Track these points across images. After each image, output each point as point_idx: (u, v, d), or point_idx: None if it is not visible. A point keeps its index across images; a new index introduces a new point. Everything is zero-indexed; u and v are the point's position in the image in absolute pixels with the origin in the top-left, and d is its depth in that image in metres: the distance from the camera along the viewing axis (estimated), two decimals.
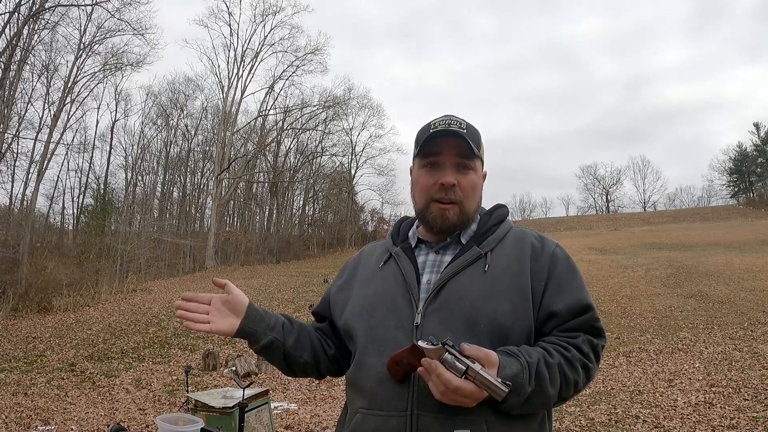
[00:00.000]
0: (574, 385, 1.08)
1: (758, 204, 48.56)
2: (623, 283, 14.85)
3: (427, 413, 1.04)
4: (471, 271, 1.14)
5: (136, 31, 22.37)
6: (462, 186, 1.18)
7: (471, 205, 1.21)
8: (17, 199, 24.49)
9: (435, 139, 1.18)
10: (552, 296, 1.13)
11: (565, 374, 1.06)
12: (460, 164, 1.19)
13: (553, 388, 1.04)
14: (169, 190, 36.22)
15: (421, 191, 1.21)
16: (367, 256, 1.34)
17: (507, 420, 1.05)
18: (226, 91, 31.55)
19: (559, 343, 1.09)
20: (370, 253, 1.33)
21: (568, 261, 1.20)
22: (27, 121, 23.34)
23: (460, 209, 1.18)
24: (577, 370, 1.08)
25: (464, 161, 1.19)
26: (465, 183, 1.19)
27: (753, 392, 5.78)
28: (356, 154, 36.94)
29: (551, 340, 1.11)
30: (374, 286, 1.22)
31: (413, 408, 1.06)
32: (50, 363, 9.34)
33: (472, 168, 1.20)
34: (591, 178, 61.62)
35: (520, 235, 1.23)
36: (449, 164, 1.18)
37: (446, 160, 1.18)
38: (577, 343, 1.10)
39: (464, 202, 1.19)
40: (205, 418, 3.63)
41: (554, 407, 1.14)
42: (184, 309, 1.19)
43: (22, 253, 17.47)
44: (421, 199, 1.21)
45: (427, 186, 1.19)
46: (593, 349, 1.11)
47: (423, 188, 1.20)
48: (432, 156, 1.19)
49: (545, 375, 1.03)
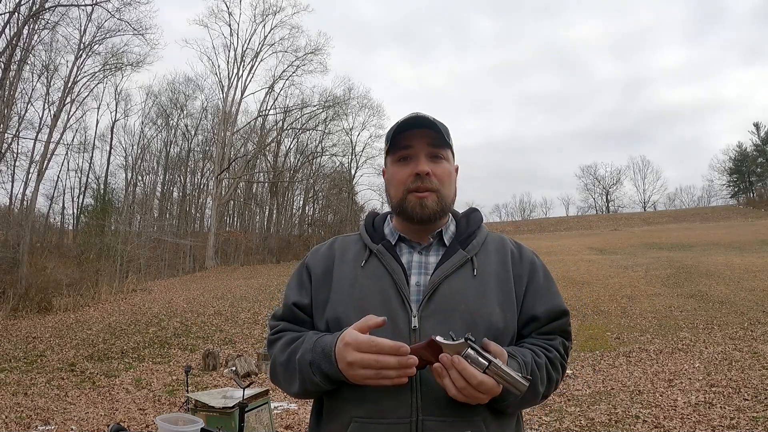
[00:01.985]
0: (555, 384, 1.16)
1: (758, 204, 48.55)
2: (623, 283, 14.85)
3: (431, 418, 1.04)
4: (461, 275, 1.15)
5: (136, 31, 22.39)
6: (437, 174, 1.18)
7: (448, 194, 1.21)
8: (17, 199, 24.54)
9: (404, 132, 1.18)
10: (532, 301, 1.18)
11: (550, 374, 1.13)
12: (433, 154, 1.19)
13: (542, 387, 1.10)
14: (169, 190, 36.25)
15: (397, 185, 1.20)
16: (340, 252, 1.25)
17: (499, 420, 1.09)
18: (226, 91, 31.58)
19: (541, 345, 1.15)
20: (343, 249, 1.25)
21: (545, 269, 1.26)
22: (27, 121, 23.38)
23: (438, 197, 1.18)
24: (558, 370, 1.16)
25: (436, 150, 1.19)
26: (439, 171, 1.19)
27: (753, 392, 5.78)
28: (356, 154, 36.93)
29: (533, 342, 1.16)
30: (361, 286, 1.15)
31: (418, 414, 1.04)
32: (50, 363, 9.34)
33: (444, 157, 1.21)
34: (591, 178, 61.78)
35: (500, 241, 1.26)
36: (422, 154, 1.18)
37: (418, 151, 1.19)
38: (556, 344, 1.17)
39: (441, 190, 1.19)
40: (205, 418, 3.63)
41: (537, 404, 1.20)
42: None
43: (22, 253, 17.46)
44: (397, 192, 1.20)
45: (402, 178, 1.19)
46: (566, 350, 1.20)
47: (399, 181, 1.20)
48: (403, 149, 1.20)
49: (537, 374, 1.08)
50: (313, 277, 1.22)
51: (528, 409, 5.50)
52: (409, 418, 1.04)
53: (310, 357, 1.06)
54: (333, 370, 1.03)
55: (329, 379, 1.05)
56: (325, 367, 1.04)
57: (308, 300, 1.21)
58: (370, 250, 1.21)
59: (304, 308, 1.21)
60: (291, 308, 1.21)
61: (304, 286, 1.23)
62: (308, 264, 1.26)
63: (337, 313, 1.14)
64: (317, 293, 1.20)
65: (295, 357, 1.10)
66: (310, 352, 1.07)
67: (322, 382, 1.06)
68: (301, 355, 1.09)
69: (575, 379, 7.16)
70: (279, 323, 1.22)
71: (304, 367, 1.07)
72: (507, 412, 1.09)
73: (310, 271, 1.24)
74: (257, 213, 38.20)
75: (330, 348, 1.04)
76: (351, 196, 36.64)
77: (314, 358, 1.06)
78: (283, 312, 1.23)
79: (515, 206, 66.69)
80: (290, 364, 1.12)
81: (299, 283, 1.24)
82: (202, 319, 12.92)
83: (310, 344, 1.09)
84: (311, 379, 1.07)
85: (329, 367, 1.04)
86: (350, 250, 1.24)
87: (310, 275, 1.23)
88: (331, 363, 1.03)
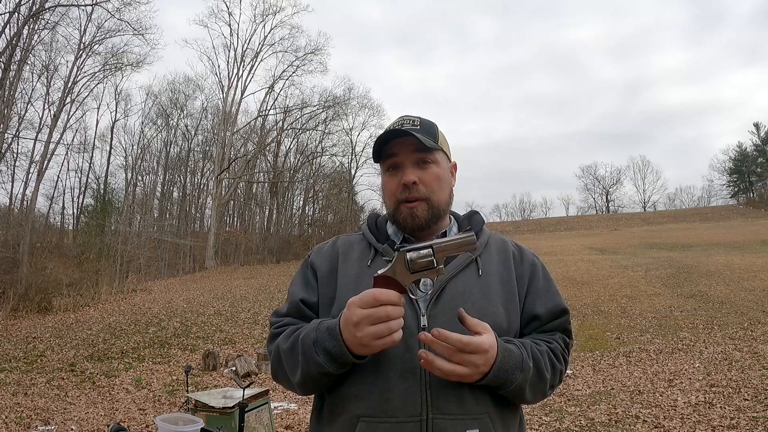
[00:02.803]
0: (559, 374, 1.18)
1: (758, 204, 48.54)
2: (623, 283, 14.85)
3: (440, 415, 1.05)
4: (466, 275, 1.17)
5: (136, 31, 22.42)
6: (424, 181, 1.18)
7: (440, 198, 1.21)
8: (17, 199, 24.53)
9: (388, 142, 1.19)
10: (533, 301, 1.21)
11: (553, 362, 1.15)
12: (419, 160, 1.19)
13: (547, 372, 1.13)
14: (169, 190, 36.23)
15: (389, 195, 1.22)
16: (344, 251, 1.25)
17: (504, 416, 1.11)
18: (226, 91, 31.58)
19: (542, 338, 1.19)
20: (346, 249, 1.26)
21: (545, 269, 1.28)
22: (27, 121, 23.40)
23: (428, 204, 1.19)
24: (561, 361, 1.18)
25: (422, 156, 1.19)
26: (427, 177, 1.19)
27: (753, 392, 5.78)
28: (356, 154, 36.89)
29: (533, 336, 1.20)
30: (368, 285, 1.14)
31: (427, 411, 1.05)
32: (50, 363, 9.34)
33: (432, 161, 1.20)
34: (591, 178, 61.73)
35: (501, 242, 1.28)
36: (408, 162, 1.19)
37: (404, 159, 1.19)
38: (556, 338, 1.20)
39: (431, 197, 1.19)
40: (205, 418, 3.63)
41: (546, 397, 1.22)
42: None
43: (22, 253, 17.46)
44: (390, 202, 1.22)
45: (392, 189, 1.20)
46: (567, 346, 1.22)
47: (389, 192, 1.21)
48: (390, 158, 1.21)
49: (539, 357, 1.12)
50: (318, 275, 1.22)
51: (528, 409, 5.50)
52: (419, 417, 1.04)
53: (314, 335, 1.05)
54: (338, 346, 1.01)
55: (333, 359, 1.03)
56: (330, 344, 1.02)
57: (315, 298, 1.20)
58: (376, 249, 1.22)
59: (311, 305, 1.20)
60: (298, 304, 1.20)
61: (311, 284, 1.22)
62: (313, 262, 1.26)
63: (335, 310, 1.14)
64: (323, 291, 1.20)
65: (299, 339, 1.09)
66: (314, 330, 1.06)
67: (326, 363, 1.03)
68: (305, 335, 1.08)
69: (575, 379, 7.16)
70: (282, 319, 1.21)
71: (308, 348, 1.05)
72: (522, 400, 1.13)
73: (315, 269, 1.24)
74: (257, 213, 38.25)
75: (334, 323, 1.03)
76: (351, 196, 36.63)
77: (318, 336, 1.04)
78: (288, 308, 1.22)
79: (515, 206, 66.68)
80: (294, 349, 1.10)
81: (305, 280, 1.24)
82: (202, 319, 12.92)
83: (314, 325, 1.09)
84: (314, 360, 1.04)
85: (334, 343, 1.02)
86: (354, 249, 1.25)
87: (316, 273, 1.23)
88: (336, 339, 1.01)
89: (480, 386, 1.05)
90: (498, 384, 1.05)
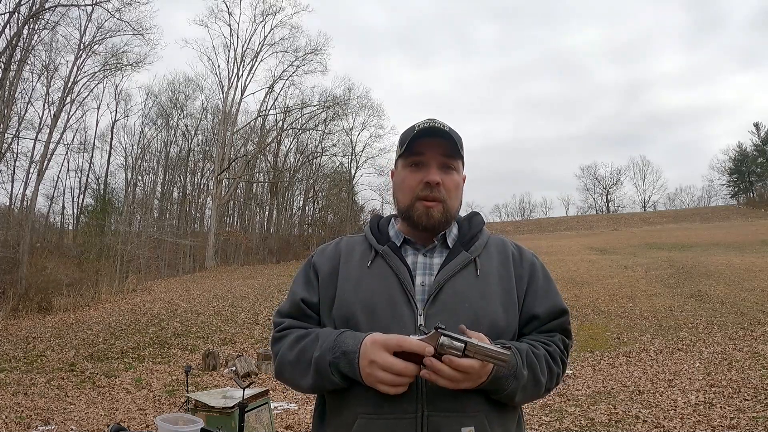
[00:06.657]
0: (557, 377, 1.19)
1: (758, 204, 48.51)
2: (623, 283, 14.85)
3: (436, 413, 1.06)
4: (464, 275, 1.18)
5: (136, 31, 22.37)
6: (446, 185, 1.21)
7: (454, 205, 1.24)
8: (17, 199, 24.50)
9: (420, 139, 1.20)
10: (533, 300, 1.22)
11: (550, 365, 1.16)
12: (445, 164, 1.22)
13: (543, 376, 1.14)
14: (169, 190, 36.20)
15: (407, 190, 1.23)
16: (346, 252, 1.27)
17: (501, 416, 1.12)
18: (226, 91, 31.55)
19: (540, 340, 1.19)
20: (348, 250, 1.27)
21: (545, 270, 1.29)
22: (27, 121, 23.36)
23: (444, 207, 1.21)
24: (558, 364, 1.19)
25: (448, 161, 1.22)
26: (449, 182, 1.22)
27: (753, 392, 5.77)
28: (356, 154, 36.87)
29: (532, 337, 1.20)
30: (368, 285, 1.18)
31: (423, 408, 1.07)
32: (50, 363, 9.34)
33: (455, 168, 1.24)
34: (591, 179, 61.65)
35: (501, 243, 1.30)
36: (434, 163, 1.21)
37: (431, 159, 1.21)
38: (555, 340, 1.21)
39: (447, 201, 1.21)
40: (205, 418, 3.63)
41: (542, 398, 1.24)
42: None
43: (22, 253, 17.45)
44: (405, 198, 1.23)
45: (412, 185, 1.22)
46: (566, 347, 1.23)
47: (409, 187, 1.22)
48: (416, 155, 1.22)
49: (535, 363, 1.12)
50: (320, 276, 1.24)
51: (528, 409, 5.50)
52: (414, 413, 1.06)
53: (330, 357, 1.08)
54: (353, 372, 1.06)
55: (347, 378, 1.09)
56: (345, 367, 1.07)
57: (316, 298, 1.22)
58: (376, 251, 1.23)
59: (312, 305, 1.22)
60: (299, 304, 1.22)
61: (312, 284, 1.24)
62: (315, 263, 1.28)
63: (344, 311, 1.17)
64: (324, 291, 1.22)
65: (311, 355, 1.11)
66: (330, 351, 1.09)
67: (341, 382, 1.09)
68: (320, 355, 1.10)
69: (575, 379, 7.16)
70: (284, 320, 1.24)
71: (323, 367, 1.09)
72: (512, 403, 1.13)
73: (317, 269, 1.26)
74: (257, 213, 38.21)
75: (354, 351, 1.06)
76: (351, 196, 36.63)
77: (335, 358, 1.08)
78: (289, 307, 1.24)
79: (515, 206, 66.60)
80: (301, 362, 1.13)
81: (307, 280, 1.26)
82: (202, 319, 12.92)
83: (329, 343, 1.10)
84: (329, 379, 1.09)
85: (349, 369, 1.07)
86: (356, 250, 1.27)
87: (317, 274, 1.25)
88: (352, 365, 1.06)
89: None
90: (491, 389, 1.07)
